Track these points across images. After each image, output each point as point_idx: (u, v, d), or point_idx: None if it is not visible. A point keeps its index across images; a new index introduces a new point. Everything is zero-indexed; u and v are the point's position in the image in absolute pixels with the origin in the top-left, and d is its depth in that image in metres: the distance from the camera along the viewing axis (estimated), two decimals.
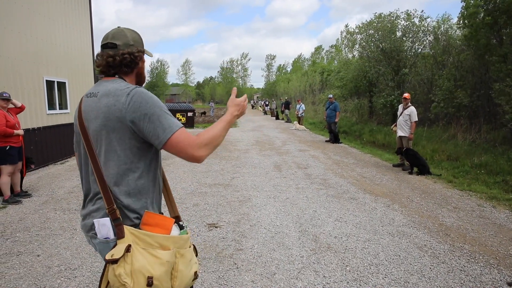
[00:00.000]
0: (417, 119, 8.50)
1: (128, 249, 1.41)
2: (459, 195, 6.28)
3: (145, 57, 1.75)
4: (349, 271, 3.50)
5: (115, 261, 1.39)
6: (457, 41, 14.89)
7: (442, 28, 16.91)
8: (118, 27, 1.69)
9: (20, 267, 3.58)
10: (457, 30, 15.73)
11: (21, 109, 6.17)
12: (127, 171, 1.53)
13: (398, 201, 5.91)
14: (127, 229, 1.48)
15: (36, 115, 8.65)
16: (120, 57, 1.60)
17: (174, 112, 21.06)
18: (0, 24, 7.36)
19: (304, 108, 21.44)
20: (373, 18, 19.95)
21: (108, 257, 1.41)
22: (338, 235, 4.39)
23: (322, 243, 4.17)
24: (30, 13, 8.40)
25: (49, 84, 9.31)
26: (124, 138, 1.51)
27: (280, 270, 3.51)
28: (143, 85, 1.80)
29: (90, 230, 1.58)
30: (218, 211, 5.33)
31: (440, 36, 16.51)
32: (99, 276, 3.36)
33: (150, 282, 1.40)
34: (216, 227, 4.65)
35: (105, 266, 1.45)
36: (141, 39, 1.72)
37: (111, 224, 1.50)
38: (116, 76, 1.65)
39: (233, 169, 8.42)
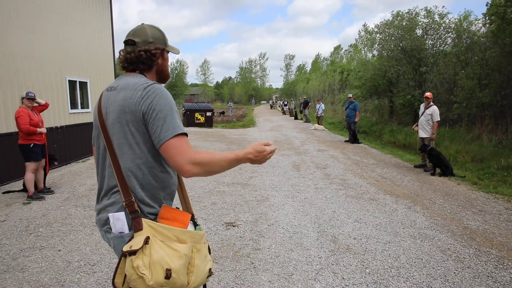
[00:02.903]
0: (439, 119, 8.27)
1: (147, 241, 1.41)
2: (484, 198, 6.07)
3: (171, 54, 1.75)
4: (369, 273, 3.41)
5: (133, 253, 1.38)
6: (481, 38, 14.42)
7: (464, 25, 16.39)
8: (141, 24, 1.69)
9: (42, 261, 3.65)
10: (482, 28, 15.25)
11: (45, 106, 6.30)
12: (142, 165, 1.52)
13: (420, 202, 5.76)
14: (145, 221, 1.48)
15: (59, 114, 8.85)
16: (137, 54, 1.61)
17: (193, 111, 21.24)
18: (26, 26, 7.56)
19: (323, 108, 21.22)
20: (390, 18, 19.60)
21: (126, 248, 1.40)
22: (358, 236, 4.30)
23: (341, 244, 4.09)
24: (53, 15, 8.60)
25: (72, 84, 9.51)
26: (138, 132, 1.50)
27: (298, 270, 3.46)
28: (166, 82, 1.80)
29: (104, 224, 1.58)
30: (235, 210, 5.31)
31: (462, 33, 16.02)
32: None
33: (168, 274, 1.38)
34: (233, 226, 4.63)
35: (120, 259, 1.44)
36: (164, 36, 1.70)
37: (126, 218, 1.51)
38: (137, 71, 1.65)
39: (251, 168, 8.40)
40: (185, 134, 1.47)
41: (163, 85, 1.70)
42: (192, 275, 1.48)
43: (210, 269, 1.60)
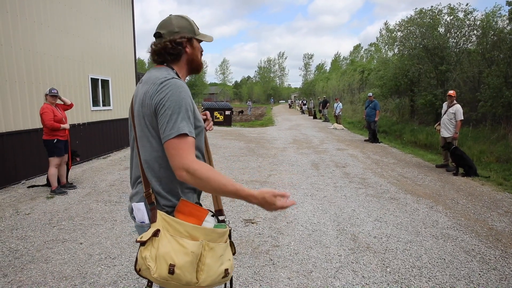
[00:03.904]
0: (462, 118, 8.04)
1: (156, 233, 1.41)
2: (511, 199, 5.88)
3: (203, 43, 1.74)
4: (390, 272, 3.35)
5: (143, 243, 1.40)
6: (509, 35, 13.94)
7: (491, 21, 15.86)
8: (169, 15, 1.68)
9: (65, 253, 3.72)
10: (509, 25, 14.74)
11: (69, 106, 6.44)
12: (158, 159, 1.52)
13: (442, 202, 5.62)
14: (159, 214, 1.47)
15: (82, 111, 9.04)
16: (162, 46, 1.60)
17: (212, 110, 21.34)
18: (52, 25, 7.75)
19: (341, 107, 21.00)
20: (413, 15, 19.21)
21: (138, 238, 1.43)
22: (378, 235, 4.23)
23: (361, 242, 4.03)
24: (77, 14, 8.78)
25: (94, 81, 9.70)
26: (153, 126, 1.50)
27: (317, 268, 3.42)
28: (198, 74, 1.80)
29: (131, 213, 1.63)
30: (254, 207, 5.30)
31: (488, 31, 15.51)
32: None
33: (171, 269, 1.37)
34: (252, 223, 4.63)
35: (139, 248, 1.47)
36: (191, 25, 1.67)
37: (146, 208, 1.53)
38: (164, 64, 1.64)
39: (270, 167, 8.38)
40: (187, 135, 1.41)
41: (187, 79, 1.68)
42: (203, 273, 1.44)
43: (226, 270, 1.53)
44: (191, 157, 1.40)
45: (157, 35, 1.64)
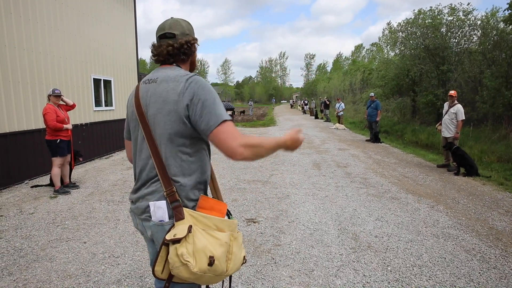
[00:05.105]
0: (464, 118, 8.05)
1: (190, 229, 1.45)
2: (511, 198, 5.90)
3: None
4: (391, 271, 3.38)
5: (177, 241, 1.42)
6: (510, 35, 13.94)
7: (491, 22, 15.87)
8: (171, 17, 1.74)
9: (69, 252, 3.77)
10: (510, 26, 14.75)
11: (72, 107, 6.47)
12: (181, 155, 1.57)
13: (443, 202, 5.64)
14: (186, 211, 1.52)
15: (84, 111, 9.09)
16: (179, 45, 1.67)
17: None
18: (54, 25, 7.80)
19: (343, 107, 21.00)
20: (412, 17, 19.25)
21: (169, 237, 1.44)
22: (379, 235, 4.26)
23: (362, 241, 4.06)
24: (80, 15, 8.84)
25: (96, 82, 9.75)
26: (179, 122, 1.53)
27: (319, 267, 3.46)
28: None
29: (143, 212, 1.62)
30: (256, 207, 5.34)
31: (490, 31, 15.52)
32: (140, 265, 3.47)
33: (212, 261, 1.43)
34: (254, 222, 4.66)
35: (160, 247, 1.48)
36: (193, 28, 1.79)
37: (167, 207, 1.55)
38: (174, 64, 1.70)
39: (271, 166, 8.41)
40: (231, 120, 1.52)
41: None
42: (231, 262, 1.54)
43: (244, 256, 1.65)
44: (240, 134, 1.47)
45: (169, 35, 1.68)
